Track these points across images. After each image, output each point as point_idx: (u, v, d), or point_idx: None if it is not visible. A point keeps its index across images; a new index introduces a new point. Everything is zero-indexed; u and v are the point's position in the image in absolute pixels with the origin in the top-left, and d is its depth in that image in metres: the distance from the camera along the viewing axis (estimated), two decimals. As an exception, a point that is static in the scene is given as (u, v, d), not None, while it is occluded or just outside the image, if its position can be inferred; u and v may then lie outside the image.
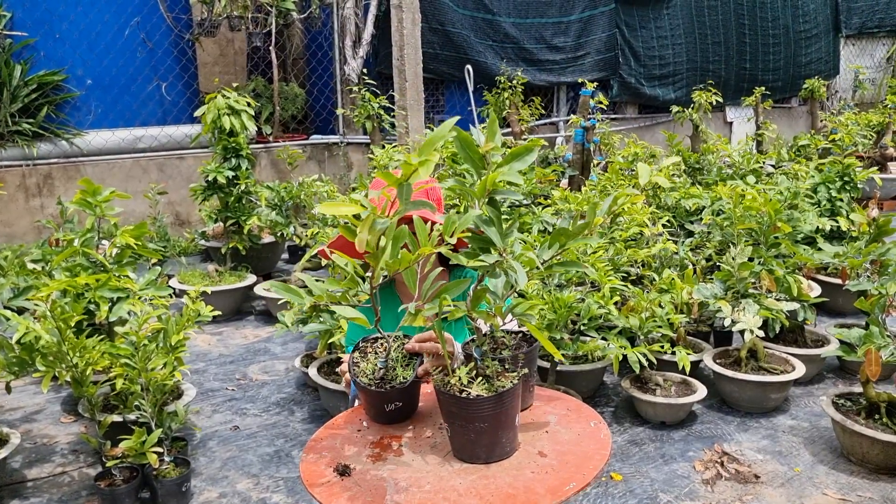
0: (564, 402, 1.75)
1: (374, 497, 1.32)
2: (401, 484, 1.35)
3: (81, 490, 2.98)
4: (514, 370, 1.47)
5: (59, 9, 6.33)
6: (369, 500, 1.31)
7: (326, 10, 7.61)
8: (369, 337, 1.75)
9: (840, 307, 4.75)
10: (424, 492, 1.32)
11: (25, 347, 2.72)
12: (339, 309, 1.41)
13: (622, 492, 2.93)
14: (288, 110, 7.65)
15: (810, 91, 9.36)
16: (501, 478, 1.37)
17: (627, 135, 8.04)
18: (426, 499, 1.29)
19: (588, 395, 3.73)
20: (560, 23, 9.04)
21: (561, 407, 1.72)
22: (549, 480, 1.34)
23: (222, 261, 5.37)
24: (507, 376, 1.44)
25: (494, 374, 1.44)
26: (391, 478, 1.38)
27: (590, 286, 3.85)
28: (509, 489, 1.32)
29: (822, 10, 11.81)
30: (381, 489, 1.34)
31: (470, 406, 1.37)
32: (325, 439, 1.60)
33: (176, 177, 6.80)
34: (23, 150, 6.04)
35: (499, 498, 1.30)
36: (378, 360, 1.63)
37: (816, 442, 3.30)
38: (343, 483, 1.38)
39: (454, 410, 1.40)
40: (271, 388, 3.99)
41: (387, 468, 1.42)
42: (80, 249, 3.20)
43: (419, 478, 1.37)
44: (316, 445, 1.58)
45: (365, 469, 1.42)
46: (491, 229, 1.29)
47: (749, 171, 6.15)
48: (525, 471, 1.39)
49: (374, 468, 1.43)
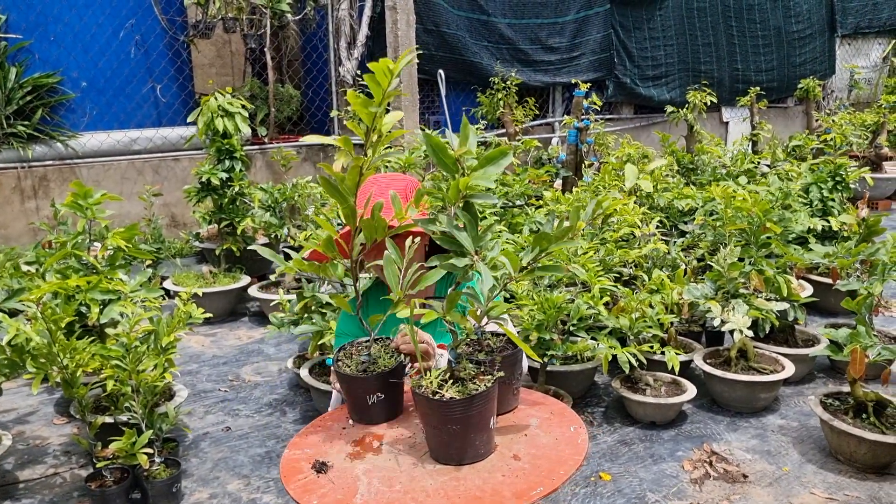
0: (549, 405, 1.77)
1: (344, 495, 1.33)
2: (373, 483, 1.37)
3: (73, 491, 3.00)
4: (491, 373, 1.48)
5: (53, 11, 6.34)
6: (339, 497, 1.32)
7: (321, 11, 7.62)
8: (357, 341, 1.77)
9: (832, 307, 4.76)
10: (394, 491, 1.34)
11: (16, 349, 2.74)
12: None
13: (611, 491, 2.94)
14: (283, 112, 7.66)
15: (805, 91, 9.38)
16: (472, 480, 1.38)
17: (623, 135, 8.06)
18: (394, 499, 1.31)
19: (579, 396, 3.74)
20: (555, 23, 9.06)
21: (544, 411, 1.74)
22: (517, 484, 1.36)
23: (216, 262, 5.39)
24: (482, 379, 1.45)
25: (469, 377, 1.45)
26: (365, 476, 1.39)
27: (580, 286, 3.87)
28: (477, 491, 1.34)
29: (816, 11, 11.84)
30: (354, 487, 1.36)
31: (441, 408, 1.38)
32: (309, 436, 1.62)
33: (171, 178, 6.82)
34: (18, 152, 6.05)
35: (466, 500, 1.31)
36: (362, 355, 1.66)
37: (805, 441, 3.31)
38: (318, 480, 1.39)
39: (427, 412, 1.42)
40: (264, 389, 4.01)
41: (363, 466, 1.44)
42: (72, 252, 3.22)
43: (392, 477, 1.39)
44: (300, 442, 1.60)
45: (342, 467, 1.44)
46: (462, 234, 1.30)
47: (742, 172, 6.17)
48: (496, 473, 1.40)
49: (351, 466, 1.45)
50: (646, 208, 4.93)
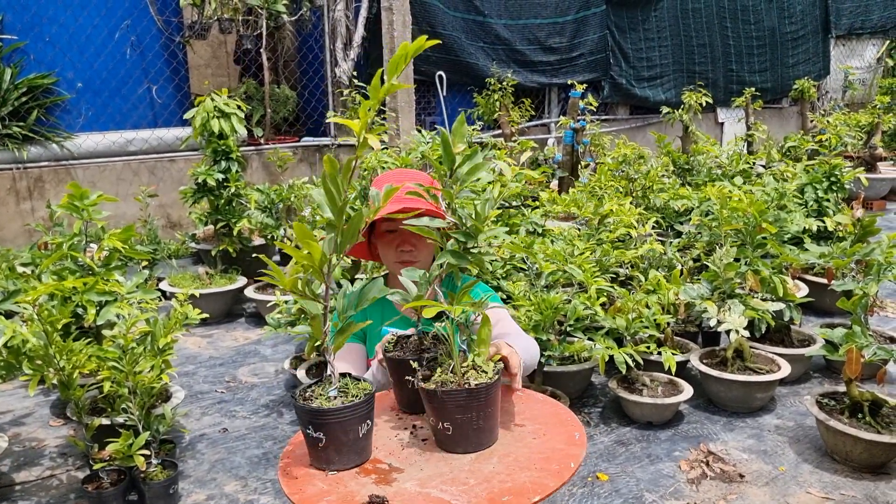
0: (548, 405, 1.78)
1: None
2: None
3: (69, 493, 2.99)
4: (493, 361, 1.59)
5: (48, 12, 6.33)
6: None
7: (317, 12, 7.62)
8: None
9: (827, 307, 4.77)
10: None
11: (12, 351, 2.73)
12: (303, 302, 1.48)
13: (608, 491, 2.95)
14: (279, 112, 7.66)
15: (800, 92, 9.42)
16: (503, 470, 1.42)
17: (619, 136, 8.07)
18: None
19: (576, 396, 3.75)
20: (551, 24, 9.08)
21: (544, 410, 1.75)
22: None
23: (213, 263, 5.38)
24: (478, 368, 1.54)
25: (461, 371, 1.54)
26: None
27: (577, 287, 3.87)
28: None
29: (810, 12, 11.89)
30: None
31: (469, 395, 1.50)
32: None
33: (167, 179, 6.81)
34: (13, 153, 6.04)
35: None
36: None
37: (801, 441, 3.32)
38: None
39: (448, 404, 1.51)
40: (261, 391, 4.00)
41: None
42: (68, 253, 3.21)
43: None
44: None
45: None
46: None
47: (738, 172, 6.18)
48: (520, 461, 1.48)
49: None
50: (642, 209, 4.94)
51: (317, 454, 1.48)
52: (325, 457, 1.47)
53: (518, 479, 1.42)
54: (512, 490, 1.38)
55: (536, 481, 1.41)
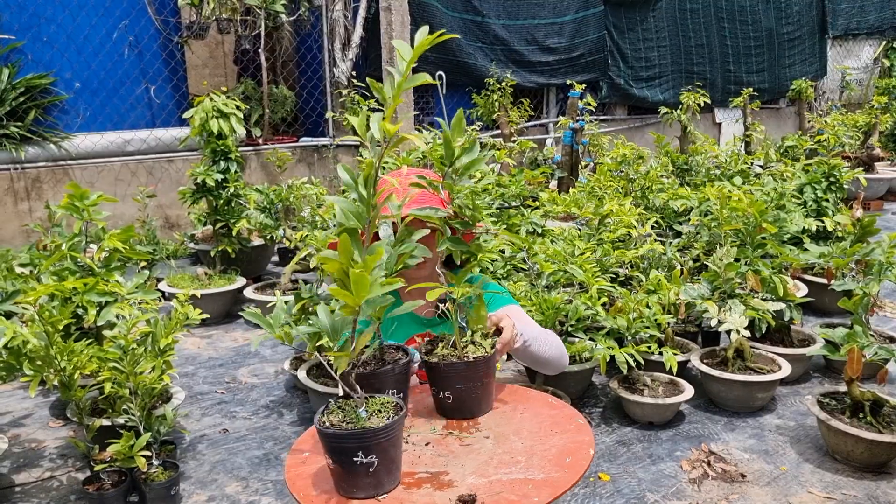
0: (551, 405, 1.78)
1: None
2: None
3: (70, 494, 2.98)
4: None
5: (46, 12, 6.31)
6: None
7: (315, 12, 7.61)
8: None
9: (826, 307, 4.79)
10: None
11: (13, 352, 2.72)
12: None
13: (610, 492, 2.95)
14: (278, 113, 7.65)
15: (797, 92, 9.43)
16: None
17: (617, 136, 8.08)
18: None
19: (577, 396, 3.75)
20: (549, 25, 9.08)
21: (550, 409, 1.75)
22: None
23: (212, 264, 5.37)
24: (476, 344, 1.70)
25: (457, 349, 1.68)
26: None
27: (578, 287, 3.87)
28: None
29: (807, 13, 11.92)
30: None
31: (470, 367, 1.66)
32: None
33: (165, 180, 6.79)
34: (11, 153, 6.02)
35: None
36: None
37: (802, 441, 3.33)
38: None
39: (453, 374, 1.65)
40: (261, 391, 4.00)
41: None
42: (68, 253, 3.20)
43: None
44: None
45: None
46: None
47: (736, 172, 6.19)
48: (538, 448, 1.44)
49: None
50: (641, 209, 4.94)
51: (363, 482, 1.37)
52: (374, 482, 1.37)
53: (556, 443, 1.54)
54: (563, 451, 1.53)
55: (572, 440, 1.56)
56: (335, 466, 1.37)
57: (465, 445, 1.58)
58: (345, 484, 1.38)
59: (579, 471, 1.48)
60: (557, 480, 1.45)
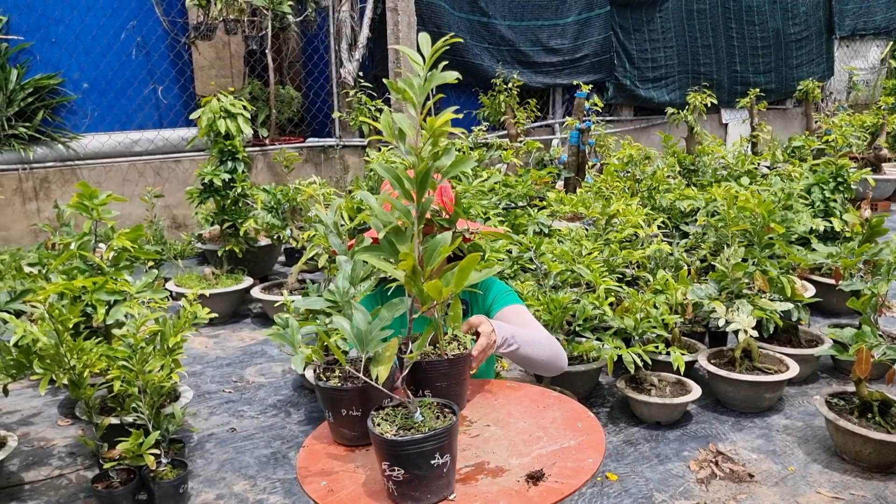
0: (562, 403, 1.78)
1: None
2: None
3: (79, 492, 2.99)
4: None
5: (55, 13, 6.34)
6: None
7: (322, 13, 7.63)
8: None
9: (834, 307, 4.77)
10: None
11: (23, 350, 2.73)
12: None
13: (617, 491, 2.94)
14: (284, 113, 7.67)
15: (804, 92, 9.41)
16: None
17: (623, 137, 8.07)
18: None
19: (584, 396, 3.75)
20: (556, 25, 9.07)
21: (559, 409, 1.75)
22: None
23: (219, 263, 5.38)
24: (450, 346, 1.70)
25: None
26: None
27: (585, 287, 3.87)
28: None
29: (814, 13, 11.89)
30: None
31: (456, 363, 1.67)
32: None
33: (172, 180, 6.82)
34: (19, 153, 6.05)
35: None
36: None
37: (810, 441, 3.32)
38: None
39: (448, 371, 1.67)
40: (268, 391, 4.01)
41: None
42: (77, 252, 3.22)
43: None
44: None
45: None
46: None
47: (743, 173, 6.18)
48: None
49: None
50: (648, 209, 4.94)
51: (436, 484, 1.37)
52: (446, 482, 1.39)
53: (554, 415, 1.64)
54: (568, 419, 1.63)
55: (565, 409, 1.68)
56: (407, 475, 1.34)
57: (475, 437, 1.60)
58: (417, 493, 1.36)
59: (598, 429, 1.59)
60: (590, 441, 1.54)
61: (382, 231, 1.45)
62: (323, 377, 1.62)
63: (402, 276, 1.40)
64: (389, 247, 1.44)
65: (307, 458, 1.58)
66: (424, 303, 1.45)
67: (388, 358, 1.46)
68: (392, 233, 1.44)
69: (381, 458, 1.36)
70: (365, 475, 1.49)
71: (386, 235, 1.44)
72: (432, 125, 1.39)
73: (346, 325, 1.51)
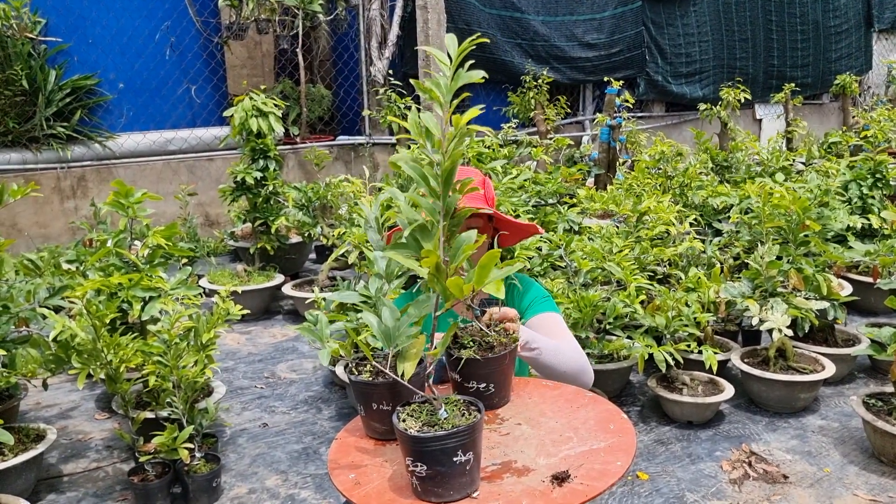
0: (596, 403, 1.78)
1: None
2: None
3: (115, 485, 3.05)
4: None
5: (91, 15, 6.46)
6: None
7: (352, 11, 7.67)
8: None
9: (872, 306, 4.68)
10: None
11: (61, 345, 2.80)
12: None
13: (648, 491, 2.92)
14: (315, 112, 7.72)
15: (841, 87, 9.22)
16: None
17: (654, 133, 7.98)
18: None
19: (614, 395, 3.72)
20: (588, 20, 9.01)
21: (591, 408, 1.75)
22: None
23: (251, 261, 5.45)
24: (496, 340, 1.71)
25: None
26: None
27: (615, 285, 3.84)
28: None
29: (853, 5, 11.63)
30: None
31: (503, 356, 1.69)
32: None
33: (205, 178, 6.91)
34: (57, 153, 6.18)
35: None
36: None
37: (846, 442, 3.26)
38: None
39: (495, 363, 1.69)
40: (299, 387, 4.04)
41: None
42: (114, 250, 3.28)
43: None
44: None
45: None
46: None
47: (778, 169, 6.08)
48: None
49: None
50: (680, 206, 4.89)
51: (458, 481, 1.37)
52: (469, 479, 1.39)
53: (587, 415, 1.64)
54: (600, 420, 1.62)
55: (598, 410, 1.66)
56: (430, 471, 1.36)
57: (505, 435, 1.60)
58: (439, 489, 1.36)
59: (630, 432, 1.56)
60: (620, 443, 1.52)
61: (408, 228, 1.45)
62: (355, 371, 1.63)
63: (426, 274, 1.40)
64: (415, 244, 1.45)
65: (338, 451, 1.60)
66: (448, 300, 1.45)
67: (415, 355, 1.47)
68: (417, 230, 1.44)
69: (405, 453, 1.38)
70: (392, 469, 1.50)
71: (411, 232, 1.44)
72: (458, 124, 1.39)
73: (374, 321, 1.52)
